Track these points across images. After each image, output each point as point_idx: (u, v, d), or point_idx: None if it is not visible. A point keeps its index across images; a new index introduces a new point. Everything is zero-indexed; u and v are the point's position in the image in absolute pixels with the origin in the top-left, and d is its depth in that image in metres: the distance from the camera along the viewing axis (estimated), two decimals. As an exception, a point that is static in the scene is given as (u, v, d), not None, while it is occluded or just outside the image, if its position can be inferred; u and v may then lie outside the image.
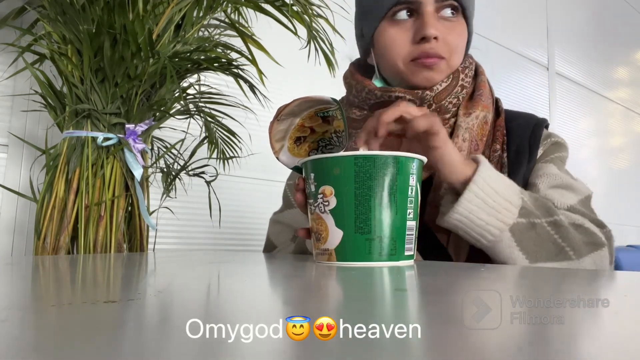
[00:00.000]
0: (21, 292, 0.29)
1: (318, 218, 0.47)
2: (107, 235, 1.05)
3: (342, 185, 0.45)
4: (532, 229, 0.54)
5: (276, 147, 0.55)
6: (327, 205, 0.46)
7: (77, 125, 1.07)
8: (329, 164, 0.46)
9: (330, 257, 0.47)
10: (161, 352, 0.14)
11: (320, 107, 0.52)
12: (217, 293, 0.29)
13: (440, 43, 0.61)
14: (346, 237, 0.45)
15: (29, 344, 0.15)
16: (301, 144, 0.56)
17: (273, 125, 0.54)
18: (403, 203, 0.46)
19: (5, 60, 1.31)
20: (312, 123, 0.54)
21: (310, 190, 0.48)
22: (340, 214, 0.46)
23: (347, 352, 0.14)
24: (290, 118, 0.54)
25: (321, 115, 0.53)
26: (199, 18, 1.21)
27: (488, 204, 0.53)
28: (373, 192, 0.45)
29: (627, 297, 0.27)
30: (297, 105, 0.52)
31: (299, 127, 0.55)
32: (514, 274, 0.40)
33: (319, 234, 0.48)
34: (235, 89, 1.34)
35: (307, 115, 0.54)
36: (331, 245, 0.46)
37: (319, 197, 0.47)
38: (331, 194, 0.46)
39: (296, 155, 0.55)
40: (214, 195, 1.37)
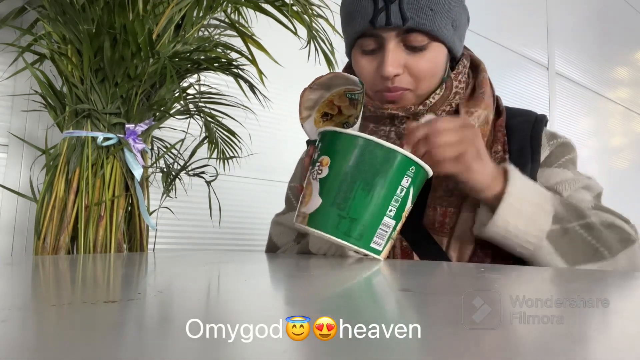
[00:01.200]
0: (21, 292, 0.29)
1: (309, 183, 0.50)
2: (107, 235, 1.05)
3: (338, 160, 0.47)
4: (566, 234, 0.54)
5: (304, 113, 0.56)
6: (319, 174, 0.48)
7: (77, 125, 1.07)
8: (335, 138, 0.48)
9: (304, 221, 0.49)
10: (161, 352, 0.14)
11: (349, 87, 0.54)
12: (217, 293, 0.29)
13: (403, 76, 0.60)
14: (322, 206, 0.47)
15: (29, 344, 0.15)
16: (327, 120, 0.57)
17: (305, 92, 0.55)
18: (387, 197, 0.47)
19: (5, 60, 1.31)
20: (341, 103, 0.56)
21: (314, 157, 0.50)
22: (326, 184, 0.47)
23: (348, 352, 0.14)
24: (322, 90, 0.55)
25: (349, 97, 0.55)
26: (199, 18, 1.21)
27: (523, 214, 0.53)
28: (361, 175, 0.46)
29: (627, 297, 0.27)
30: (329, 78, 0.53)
31: (329, 103, 0.56)
32: (514, 274, 0.40)
33: (304, 198, 0.50)
34: (235, 89, 1.34)
35: (337, 93, 0.55)
36: (308, 210, 0.48)
37: (316, 165, 0.49)
38: (326, 164, 0.48)
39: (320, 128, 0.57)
40: (214, 195, 1.37)
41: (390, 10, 0.57)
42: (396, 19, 0.57)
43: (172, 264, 0.49)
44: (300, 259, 0.58)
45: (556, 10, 3.25)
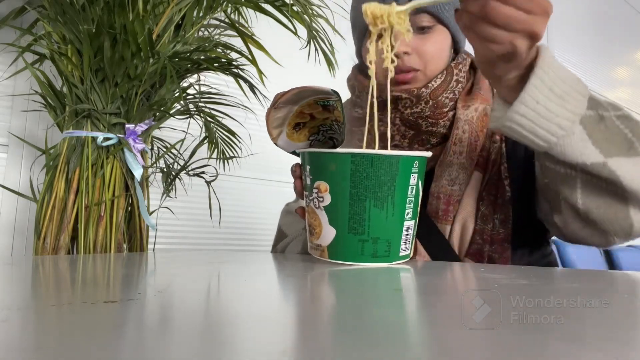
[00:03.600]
0: (21, 292, 0.29)
1: (312, 212, 0.47)
2: (107, 235, 1.05)
3: (337, 183, 0.44)
4: (602, 121, 0.48)
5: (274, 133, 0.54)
6: (321, 202, 0.45)
7: (77, 125, 1.07)
8: (326, 160, 0.44)
9: (323, 254, 0.46)
10: (161, 352, 0.14)
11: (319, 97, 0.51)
12: (217, 293, 0.29)
13: (412, 56, 0.62)
14: (339, 236, 0.44)
15: (29, 343, 0.15)
16: (301, 129, 0.54)
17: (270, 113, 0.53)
18: (401, 203, 0.44)
19: (5, 60, 1.31)
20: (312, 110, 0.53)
21: (306, 183, 0.48)
22: (334, 212, 0.44)
23: (348, 352, 0.14)
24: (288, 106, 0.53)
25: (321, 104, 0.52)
26: (199, 18, 1.21)
27: (555, 92, 0.46)
28: (369, 192, 0.43)
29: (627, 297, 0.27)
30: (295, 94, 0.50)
31: (298, 114, 0.53)
32: (514, 274, 0.40)
33: (313, 229, 0.47)
34: (235, 89, 1.34)
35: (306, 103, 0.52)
36: (324, 242, 0.46)
37: (313, 192, 0.46)
38: (326, 191, 0.45)
39: (295, 140, 0.55)
40: (214, 195, 1.37)
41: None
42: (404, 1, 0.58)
43: (172, 264, 0.49)
44: (300, 259, 0.58)
45: (556, 10, 3.24)
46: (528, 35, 0.43)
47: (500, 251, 0.59)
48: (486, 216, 0.61)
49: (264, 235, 1.90)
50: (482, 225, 0.61)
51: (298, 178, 0.51)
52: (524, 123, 0.47)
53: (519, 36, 0.43)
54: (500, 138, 0.65)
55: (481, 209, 0.62)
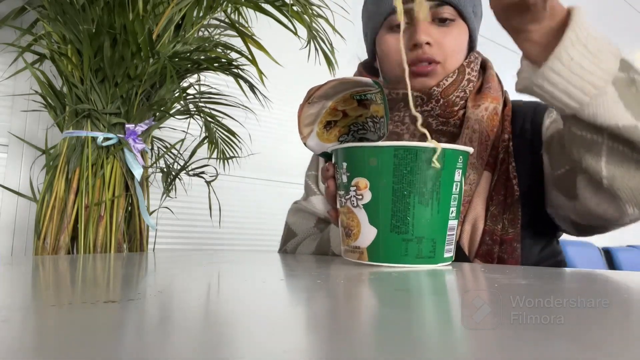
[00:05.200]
0: (21, 292, 0.29)
1: (349, 212, 0.43)
2: (107, 235, 1.05)
3: (378, 179, 0.41)
4: (633, 84, 0.47)
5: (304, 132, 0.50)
6: (360, 200, 0.42)
7: (77, 125, 1.07)
8: (365, 154, 0.42)
9: (362, 256, 0.43)
10: (161, 352, 0.14)
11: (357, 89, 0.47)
12: (217, 293, 0.29)
13: (434, 48, 0.62)
14: (381, 235, 0.41)
15: (29, 343, 0.15)
16: (331, 128, 0.50)
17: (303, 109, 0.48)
18: (446, 201, 0.42)
19: (5, 60, 1.31)
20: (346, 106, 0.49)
21: (342, 181, 0.44)
22: (375, 210, 0.41)
23: (348, 352, 0.14)
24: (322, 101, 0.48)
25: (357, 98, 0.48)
26: (199, 18, 1.21)
27: (590, 50, 0.45)
28: (413, 188, 0.40)
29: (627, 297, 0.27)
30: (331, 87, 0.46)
31: (331, 111, 0.49)
32: (514, 274, 0.40)
33: (350, 230, 0.44)
34: (235, 89, 1.34)
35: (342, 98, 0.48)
36: (363, 243, 0.42)
37: (351, 190, 0.43)
38: (366, 187, 0.42)
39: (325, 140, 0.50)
40: (214, 195, 1.37)
41: None
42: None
43: (172, 264, 0.49)
44: (300, 259, 0.58)
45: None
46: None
47: (510, 252, 0.59)
48: (495, 216, 0.61)
49: (264, 235, 1.90)
50: (491, 226, 0.60)
51: (331, 178, 0.48)
52: (557, 81, 0.46)
53: None
54: (508, 137, 0.64)
55: (490, 209, 0.61)
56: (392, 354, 0.14)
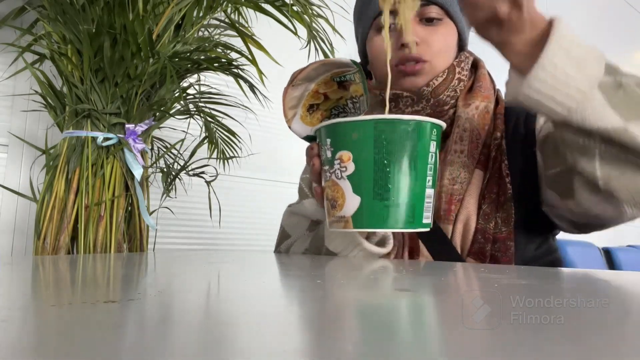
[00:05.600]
0: (21, 292, 0.29)
1: (334, 185, 0.46)
2: (107, 235, 1.05)
3: (360, 151, 0.44)
4: (620, 88, 0.48)
5: (289, 115, 0.53)
6: (344, 171, 0.45)
7: (77, 125, 1.07)
8: (348, 129, 0.45)
9: (347, 225, 0.46)
10: (161, 352, 0.14)
11: (337, 70, 0.50)
12: (217, 293, 0.29)
13: (421, 47, 0.61)
14: (364, 203, 0.44)
15: (29, 344, 0.15)
16: (314, 112, 0.54)
17: (287, 92, 0.52)
18: (423, 169, 0.45)
19: (5, 60, 1.31)
20: (327, 89, 0.52)
21: (326, 157, 0.47)
22: (358, 180, 0.44)
23: (348, 352, 0.14)
24: (305, 84, 0.52)
25: (337, 80, 0.52)
26: (199, 18, 1.21)
27: (573, 57, 0.46)
28: (393, 158, 0.43)
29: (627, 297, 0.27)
30: (313, 69, 0.50)
31: (313, 94, 0.52)
32: (514, 274, 0.40)
33: (335, 201, 0.46)
34: (235, 89, 1.34)
35: (323, 80, 0.51)
36: (348, 212, 0.45)
37: (335, 163, 0.46)
38: (349, 160, 0.45)
39: (308, 124, 0.53)
40: (214, 195, 1.37)
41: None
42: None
43: (172, 264, 0.49)
44: (300, 258, 0.58)
45: (556, 11, 3.24)
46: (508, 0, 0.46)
47: (503, 250, 0.59)
48: (488, 215, 0.61)
49: (264, 235, 1.90)
50: (484, 224, 0.61)
51: (316, 156, 0.50)
52: (543, 89, 0.47)
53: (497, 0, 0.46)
54: (500, 135, 0.64)
55: (483, 208, 0.61)
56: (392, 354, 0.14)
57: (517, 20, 0.47)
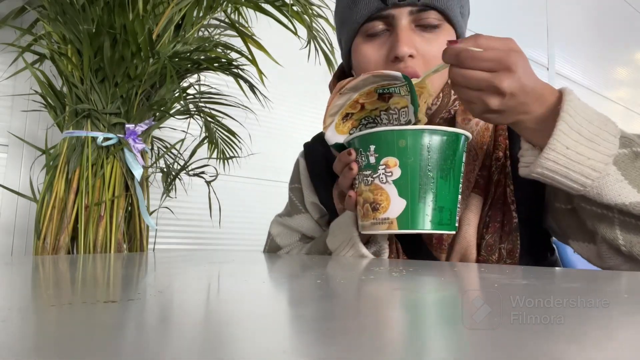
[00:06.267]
0: (21, 292, 0.29)
1: (377, 188, 0.49)
2: (107, 235, 1.05)
3: (407, 157, 0.47)
4: (637, 158, 0.46)
5: (327, 121, 0.55)
6: (389, 176, 0.48)
7: (77, 125, 1.07)
8: (395, 137, 0.48)
9: (391, 226, 0.48)
10: (161, 352, 0.14)
11: (384, 82, 0.51)
12: (217, 293, 0.29)
13: (417, 59, 0.55)
14: (409, 206, 0.48)
15: (29, 344, 0.15)
16: (347, 120, 0.56)
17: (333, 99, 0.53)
18: (458, 176, 0.49)
19: (5, 60, 1.31)
20: (367, 99, 0.54)
21: (368, 162, 0.50)
22: (404, 184, 0.48)
23: (348, 352, 0.14)
24: (350, 93, 0.53)
25: (379, 92, 0.53)
26: (199, 18, 1.21)
27: (584, 135, 0.45)
28: (436, 165, 0.47)
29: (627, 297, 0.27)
30: (362, 80, 0.51)
31: (353, 103, 0.54)
32: (514, 274, 0.40)
33: (378, 204, 0.49)
34: (235, 89, 1.34)
35: (366, 91, 0.53)
36: (392, 214, 0.48)
37: (380, 168, 0.49)
38: (395, 165, 0.48)
39: (340, 132, 0.55)
40: (214, 195, 1.37)
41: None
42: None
43: (172, 264, 0.49)
44: (299, 258, 0.58)
45: (556, 10, 3.25)
46: (494, 92, 0.44)
47: None
48: (491, 246, 0.56)
49: (264, 235, 1.90)
50: (486, 257, 0.56)
51: (355, 161, 0.51)
52: (556, 169, 0.46)
53: (485, 94, 0.44)
54: (504, 154, 0.59)
55: (485, 238, 0.56)
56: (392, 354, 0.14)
57: (517, 105, 0.45)
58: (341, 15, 0.62)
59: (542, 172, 0.46)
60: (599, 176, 0.45)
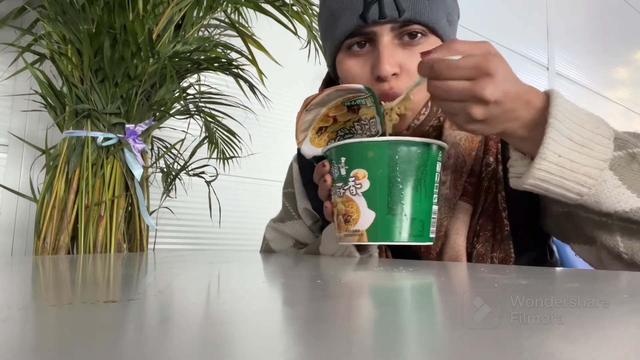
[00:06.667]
0: (21, 292, 0.29)
1: (348, 200, 0.49)
2: (107, 235, 1.05)
3: (375, 169, 0.47)
4: (634, 160, 0.44)
5: (300, 137, 0.55)
6: (359, 188, 0.48)
7: (77, 125, 1.07)
8: (363, 148, 0.47)
9: (361, 238, 0.48)
10: (161, 352, 0.14)
11: (349, 95, 0.51)
12: (217, 293, 0.29)
13: (401, 77, 0.53)
14: (378, 218, 0.47)
15: (29, 344, 0.15)
16: (322, 134, 0.56)
17: (300, 116, 0.53)
18: (431, 187, 0.48)
19: (5, 60, 1.31)
20: (337, 112, 0.54)
21: (339, 174, 0.49)
22: (373, 196, 0.47)
23: (348, 352, 0.14)
24: (317, 108, 0.53)
25: (347, 105, 0.53)
26: (199, 18, 1.21)
27: (576, 141, 0.42)
28: (405, 176, 0.47)
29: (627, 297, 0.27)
30: (326, 95, 0.51)
31: (324, 117, 0.54)
32: (514, 274, 0.40)
33: (349, 216, 0.49)
34: (235, 89, 1.34)
35: (334, 105, 0.53)
36: (362, 226, 0.48)
37: (350, 180, 0.48)
38: (364, 177, 0.47)
39: (316, 145, 0.55)
40: (214, 195, 1.37)
41: (383, 1, 0.51)
42: (391, 11, 0.51)
43: (172, 264, 0.49)
44: (299, 259, 0.58)
45: (556, 10, 3.25)
46: (477, 101, 0.41)
47: None
48: (482, 255, 0.54)
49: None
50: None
51: (327, 173, 0.51)
52: (550, 179, 0.43)
53: (468, 104, 0.42)
54: (495, 159, 0.56)
55: (476, 247, 0.54)
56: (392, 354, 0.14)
57: (503, 112, 0.42)
58: (324, 26, 0.60)
59: (534, 182, 0.44)
60: (596, 183, 0.43)
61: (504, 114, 0.42)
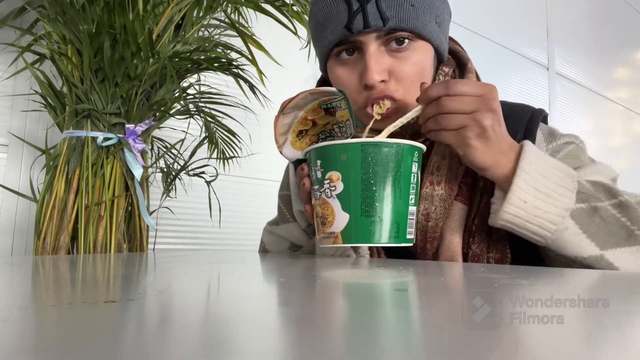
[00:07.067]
0: (21, 292, 0.29)
1: (324, 203, 0.49)
2: (107, 235, 1.05)
3: (349, 171, 0.47)
4: (595, 213, 0.48)
5: (280, 141, 0.55)
6: (333, 190, 0.48)
7: (77, 125, 1.07)
8: (337, 151, 0.47)
9: (336, 240, 0.48)
10: (161, 352, 0.14)
11: (324, 98, 0.52)
12: (217, 293, 0.29)
13: (390, 83, 0.53)
14: (352, 220, 0.47)
15: (29, 344, 0.15)
16: (303, 137, 0.56)
17: (278, 120, 0.53)
18: (406, 188, 0.48)
19: (5, 60, 1.31)
20: (315, 115, 0.54)
21: (316, 177, 0.50)
22: (346, 198, 0.47)
23: (348, 352, 0.14)
24: (294, 111, 0.54)
25: (324, 107, 0.53)
26: (199, 18, 1.21)
27: (541, 191, 0.47)
28: (378, 178, 0.46)
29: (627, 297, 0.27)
30: (302, 98, 0.52)
31: (302, 120, 0.55)
32: (514, 274, 0.40)
33: (325, 218, 0.49)
34: (235, 89, 1.34)
35: (311, 108, 0.54)
36: (337, 228, 0.48)
37: (325, 183, 0.48)
38: (338, 179, 0.47)
39: (298, 148, 0.56)
40: (214, 195, 1.37)
41: (367, 11, 0.52)
42: (375, 20, 0.52)
43: (172, 264, 0.49)
44: (299, 259, 0.58)
45: (556, 10, 3.25)
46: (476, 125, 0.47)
47: None
48: (478, 256, 0.54)
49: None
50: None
51: (306, 176, 0.51)
52: (516, 221, 0.48)
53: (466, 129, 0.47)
54: None
55: (472, 248, 0.54)
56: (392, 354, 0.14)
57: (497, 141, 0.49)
58: (313, 34, 0.60)
59: (503, 223, 0.49)
60: (557, 229, 0.48)
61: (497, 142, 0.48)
